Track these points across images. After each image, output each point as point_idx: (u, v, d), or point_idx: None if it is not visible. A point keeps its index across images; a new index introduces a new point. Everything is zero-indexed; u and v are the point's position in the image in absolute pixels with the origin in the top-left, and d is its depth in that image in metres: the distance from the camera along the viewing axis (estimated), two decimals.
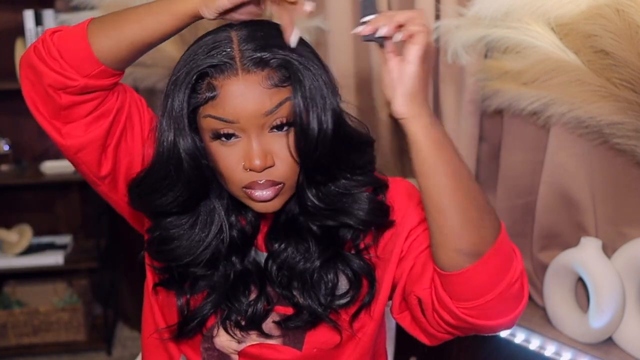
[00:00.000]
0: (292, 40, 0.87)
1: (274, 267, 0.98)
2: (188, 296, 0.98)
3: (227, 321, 0.99)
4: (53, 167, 2.92)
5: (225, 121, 0.86)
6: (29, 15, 2.74)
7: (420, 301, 0.90)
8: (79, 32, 0.91)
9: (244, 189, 0.90)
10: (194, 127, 0.91)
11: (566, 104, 1.37)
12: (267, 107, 0.86)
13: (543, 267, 1.53)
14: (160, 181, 0.93)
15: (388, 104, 0.84)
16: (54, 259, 2.89)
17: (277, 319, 0.99)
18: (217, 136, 0.88)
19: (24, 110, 0.95)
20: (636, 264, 1.36)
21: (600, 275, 1.37)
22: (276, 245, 0.98)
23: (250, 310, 0.97)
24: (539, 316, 1.54)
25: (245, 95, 0.85)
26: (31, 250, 2.94)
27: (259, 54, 0.85)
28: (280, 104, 0.86)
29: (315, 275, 0.96)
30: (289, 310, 0.98)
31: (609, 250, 1.44)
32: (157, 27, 0.89)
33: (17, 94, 1.12)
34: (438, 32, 1.61)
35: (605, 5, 1.25)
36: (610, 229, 1.46)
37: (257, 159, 0.87)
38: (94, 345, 2.91)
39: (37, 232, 3.06)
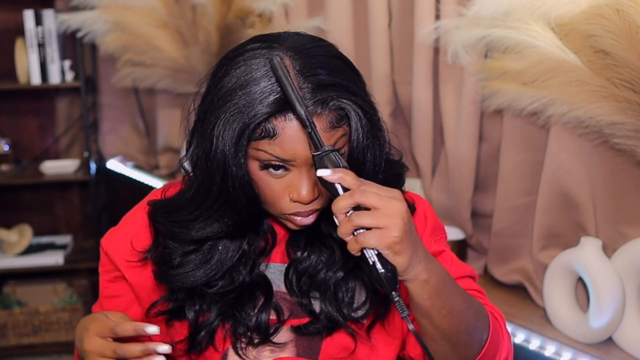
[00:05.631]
0: None
1: (294, 276, 0.98)
2: (197, 308, 0.96)
3: (238, 344, 0.97)
4: (53, 167, 2.92)
5: (282, 160, 0.86)
6: (29, 15, 2.74)
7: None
8: None
9: (286, 214, 0.91)
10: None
11: (566, 104, 1.37)
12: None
13: (543, 267, 1.53)
14: (206, 211, 0.92)
15: (388, 103, 0.83)
16: (54, 259, 2.89)
17: (290, 331, 0.98)
18: (267, 167, 0.88)
19: (24, 110, 0.95)
20: (636, 264, 1.36)
21: (600, 275, 1.37)
22: (299, 253, 0.98)
23: (255, 320, 0.96)
24: (539, 316, 1.53)
25: (305, 139, 0.84)
26: (31, 250, 2.94)
27: (319, 97, 0.83)
28: (336, 143, 0.86)
29: (337, 284, 0.97)
30: (304, 321, 0.98)
31: (609, 250, 1.44)
32: None
33: (17, 94, 1.11)
34: (438, 32, 1.61)
35: (605, 5, 1.25)
36: (610, 229, 1.46)
37: (306, 191, 0.87)
38: None
39: (37, 232, 3.06)
